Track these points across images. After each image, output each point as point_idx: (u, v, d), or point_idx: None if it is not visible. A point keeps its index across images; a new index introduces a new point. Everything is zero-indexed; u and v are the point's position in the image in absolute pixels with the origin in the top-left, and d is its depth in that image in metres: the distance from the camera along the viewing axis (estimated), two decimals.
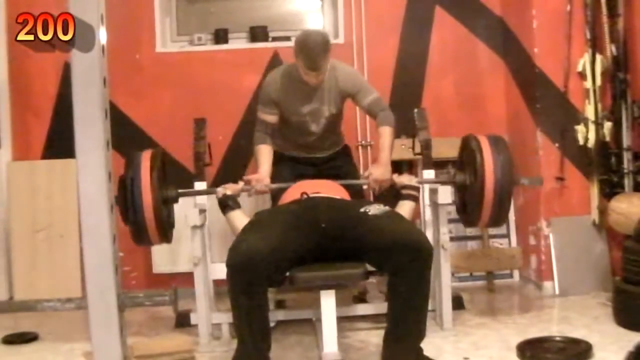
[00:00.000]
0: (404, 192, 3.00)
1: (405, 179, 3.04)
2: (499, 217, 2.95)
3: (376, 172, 3.09)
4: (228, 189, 2.99)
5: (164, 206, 2.90)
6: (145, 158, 2.84)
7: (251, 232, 2.59)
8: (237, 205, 2.94)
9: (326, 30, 3.67)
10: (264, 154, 3.22)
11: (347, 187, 3.09)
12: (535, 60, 3.74)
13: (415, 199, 2.99)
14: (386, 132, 3.20)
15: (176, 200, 3.04)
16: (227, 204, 2.93)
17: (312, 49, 2.99)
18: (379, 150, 3.22)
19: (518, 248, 3.99)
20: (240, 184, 3.07)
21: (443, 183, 3.11)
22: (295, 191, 2.92)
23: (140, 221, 2.78)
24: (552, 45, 3.70)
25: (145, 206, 2.76)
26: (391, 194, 3.09)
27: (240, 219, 2.88)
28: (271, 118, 3.24)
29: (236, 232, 2.80)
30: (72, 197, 3.88)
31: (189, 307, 3.26)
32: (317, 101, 3.20)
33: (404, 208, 2.94)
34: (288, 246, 2.53)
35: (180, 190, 3.03)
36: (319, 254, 2.62)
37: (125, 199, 2.76)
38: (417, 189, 3.01)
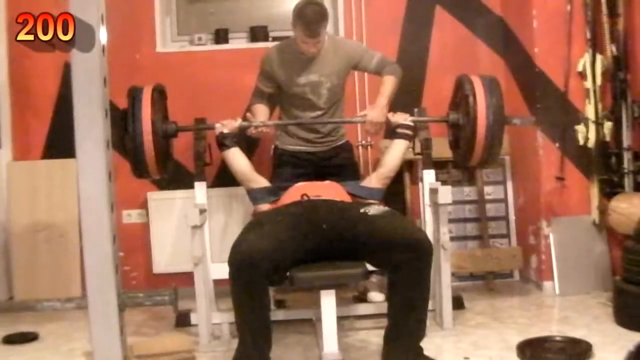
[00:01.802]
0: (399, 130, 3.17)
1: (400, 118, 3.19)
2: (490, 156, 3.07)
3: (371, 114, 3.20)
4: (225, 126, 3.12)
5: (163, 138, 3.02)
6: (147, 91, 2.98)
7: (252, 232, 2.59)
8: (234, 144, 3.11)
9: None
10: (260, 109, 3.36)
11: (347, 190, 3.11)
12: (535, 60, 3.74)
13: (409, 138, 3.17)
14: (388, 79, 3.30)
15: (175, 135, 3.15)
16: (224, 143, 3.10)
17: (310, 16, 3.07)
18: (378, 94, 3.29)
19: (518, 248, 3.99)
20: (238, 120, 3.18)
21: (437, 121, 3.26)
22: (295, 193, 2.93)
23: (139, 149, 2.90)
24: (552, 45, 3.70)
25: (145, 134, 2.89)
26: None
27: (237, 156, 3.10)
28: (268, 89, 3.38)
29: (232, 169, 3.10)
30: (72, 197, 3.88)
31: (189, 307, 3.26)
32: (315, 72, 3.26)
33: (398, 147, 3.15)
34: (289, 246, 2.53)
35: (180, 126, 3.15)
36: (319, 254, 2.62)
37: (126, 128, 2.89)
38: (411, 127, 3.16)
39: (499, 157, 3.24)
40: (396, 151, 3.18)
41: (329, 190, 2.97)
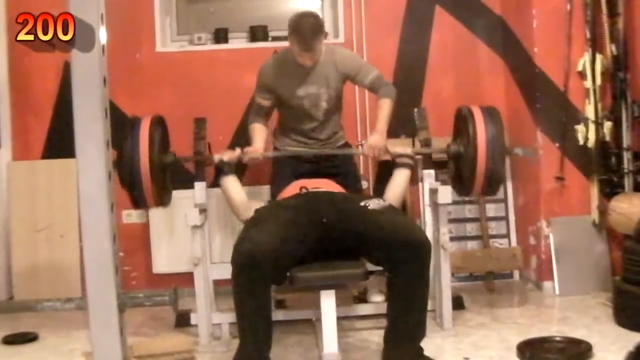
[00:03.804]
0: (399, 160, 3.13)
1: (399, 148, 3.15)
2: (491, 186, 3.02)
3: (372, 139, 3.18)
4: (225, 155, 3.10)
5: (162, 169, 2.99)
6: (145, 122, 2.95)
7: (253, 230, 2.60)
8: (231, 171, 3.11)
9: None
10: (258, 131, 3.31)
11: (345, 186, 3.10)
12: (535, 60, 3.74)
13: (410, 167, 3.13)
14: (385, 103, 3.26)
15: (174, 165, 3.12)
16: (222, 169, 3.09)
17: (305, 30, 3.03)
18: (376, 120, 3.27)
19: (518, 248, 3.99)
20: (237, 150, 3.16)
21: (438, 152, 3.21)
22: (294, 187, 2.94)
23: (138, 181, 2.86)
24: (552, 45, 3.71)
25: (142, 167, 2.85)
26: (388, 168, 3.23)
27: (232, 183, 3.09)
28: (266, 102, 3.33)
29: (227, 197, 3.09)
30: (72, 197, 3.88)
31: (189, 307, 3.26)
32: (314, 84, 3.23)
33: (400, 176, 3.09)
34: (290, 243, 2.54)
35: (178, 156, 3.12)
36: (319, 249, 2.63)
37: (124, 160, 2.86)
38: (411, 157, 3.13)
39: (499, 188, 3.18)
40: (399, 180, 3.10)
41: (326, 185, 2.98)
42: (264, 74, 3.29)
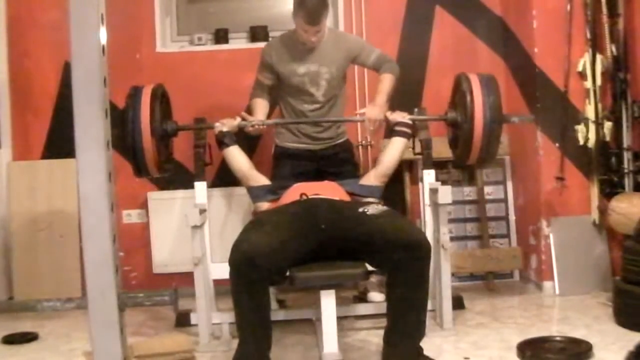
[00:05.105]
0: (397, 128, 3.21)
1: (398, 116, 3.22)
2: (487, 154, 3.09)
3: (371, 113, 3.24)
4: (225, 125, 3.17)
5: (163, 137, 3.07)
6: (147, 90, 3.02)
7: (253, 232, 2.60)
8: (233, 142, 3.17)
9: None
10: (259, 104, 3.40)
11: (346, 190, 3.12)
12: (535, 60, 3.74)
13: (407, 136, 3.20)
14: (386, 77, 3.36)
15: (175, 134, 3.18)
16: (223, 141, 3.16)
17: (311, 4, 3.12)
18: (376, 92, 3.34)
19: (518, 248, 3.99)
20: (237, 119, 3.21)
21: (435, 120, 3.28)
22: (294, 193, 2.94)
23: (138, 147, 2.93)
24: (552, 45, 3.71)
25: (143, 132, 2.92)
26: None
27: (236, 155, 3.16)
28: (267, 81, 3.41)
29: (232, 168, 3.17)
30: (72, 197, 3.88)
31: (189, 307, 3.26)
32: (314, 62, 3.30)
33: (396, 145, 3.19)
34: (289, 246, 2.54)
35: (180, 124, 3.18)
36: (319, 254, 2.63)
37: (126, 128, 2.92)
38: (409, 125, 3.20)
39: (496, 156, 3.23)
40: (394, 149, 3.20)
41: (328, 190, 2.98)
42: (267, 52, 3.38)
